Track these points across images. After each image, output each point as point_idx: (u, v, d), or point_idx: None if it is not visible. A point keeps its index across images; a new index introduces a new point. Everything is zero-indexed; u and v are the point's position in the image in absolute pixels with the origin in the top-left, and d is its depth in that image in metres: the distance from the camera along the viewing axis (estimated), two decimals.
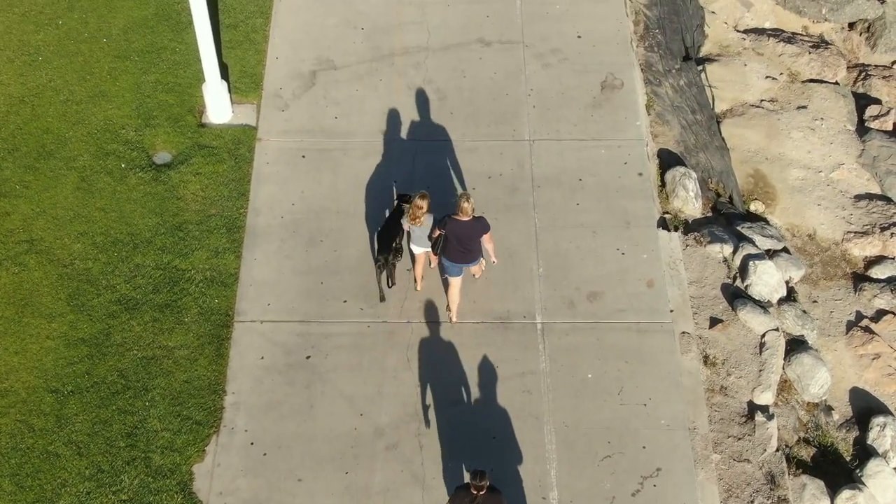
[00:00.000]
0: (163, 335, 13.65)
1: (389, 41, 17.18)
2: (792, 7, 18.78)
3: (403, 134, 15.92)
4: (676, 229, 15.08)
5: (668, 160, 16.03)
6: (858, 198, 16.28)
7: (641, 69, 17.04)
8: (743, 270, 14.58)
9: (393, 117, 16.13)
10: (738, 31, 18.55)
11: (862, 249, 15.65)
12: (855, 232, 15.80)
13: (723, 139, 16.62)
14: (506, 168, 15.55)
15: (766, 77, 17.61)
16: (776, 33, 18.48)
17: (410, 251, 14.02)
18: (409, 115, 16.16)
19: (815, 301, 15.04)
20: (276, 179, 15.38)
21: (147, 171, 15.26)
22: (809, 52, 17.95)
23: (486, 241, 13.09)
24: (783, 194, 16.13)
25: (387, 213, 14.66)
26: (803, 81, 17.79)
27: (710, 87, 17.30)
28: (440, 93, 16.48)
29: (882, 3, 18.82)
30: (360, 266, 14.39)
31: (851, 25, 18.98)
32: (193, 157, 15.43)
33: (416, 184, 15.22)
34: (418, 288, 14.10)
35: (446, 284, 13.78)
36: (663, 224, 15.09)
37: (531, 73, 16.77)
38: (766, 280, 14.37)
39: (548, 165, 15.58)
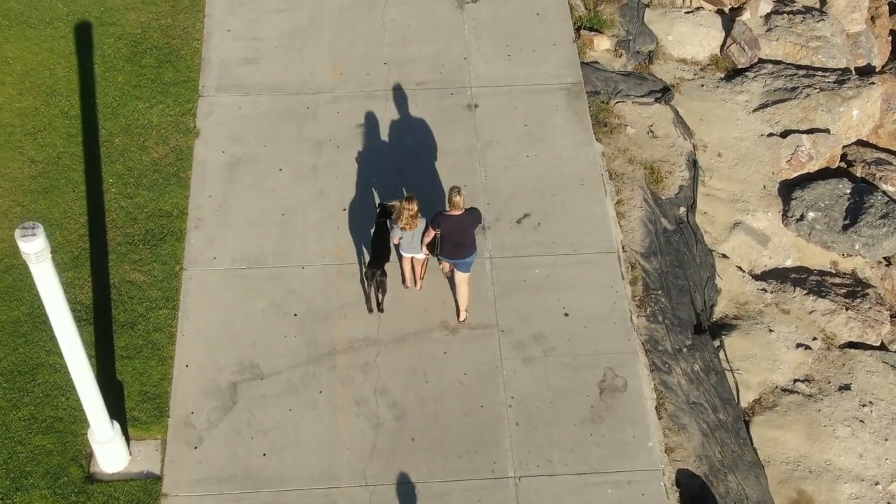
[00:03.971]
0: None
1: (329, 332, 13.62)
2: (817, 241, 15.52)
3: (351, 478, 12.36)
4: None
5: (689, 488, 12.64)
6: None
7: (646, 350, 13.66)
8: None
9: (337, 451, 12.57)
10: (755, 276, 15.23)
11: None
12: None
13: (754, 450, 13.25)
14: None
15: (798, 345, 14.29)
16: (801, 277, 15.18)
17: (399, 255, 13.45)
18: (357, 445, 12.61)
19: None
20: None
21: None
22: (846, 309, 14.67)
23: (478, 231, 13.02)
24: None
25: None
26: (841, 346, 14.50)
27: (731, 371, 13.95)
28: (396, 408, 12.97)
29: None
30: None
31: (888, 259, 15.77)
32: None
33: None
34: (408, 285, 13.81)
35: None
36: None
37: (510, 373, 13.31)
38: None
39: None
